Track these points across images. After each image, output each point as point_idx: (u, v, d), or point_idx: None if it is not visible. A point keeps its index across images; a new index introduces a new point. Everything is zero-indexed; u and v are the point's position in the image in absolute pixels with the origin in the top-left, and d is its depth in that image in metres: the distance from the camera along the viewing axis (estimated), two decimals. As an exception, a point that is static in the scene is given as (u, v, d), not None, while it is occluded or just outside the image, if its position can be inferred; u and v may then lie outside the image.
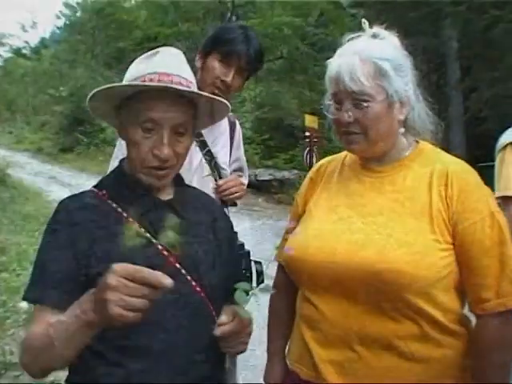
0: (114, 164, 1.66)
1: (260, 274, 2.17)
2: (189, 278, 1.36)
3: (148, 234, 1.36)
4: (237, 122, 2.49)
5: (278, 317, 1.68)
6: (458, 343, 1.42)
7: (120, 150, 2.03)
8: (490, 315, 1.39)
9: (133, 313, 1.05)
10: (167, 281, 1.05)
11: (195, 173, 2.18)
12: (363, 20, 1.54)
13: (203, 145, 2.22)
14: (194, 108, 1.43)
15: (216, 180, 2.24)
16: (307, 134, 12.79)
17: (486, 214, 1.39)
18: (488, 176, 1.47)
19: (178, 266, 1.35)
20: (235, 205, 2.49)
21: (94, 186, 1.48)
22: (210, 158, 2.22)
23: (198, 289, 1.36)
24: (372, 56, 1.42)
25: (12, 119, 32.24)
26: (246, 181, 2.59)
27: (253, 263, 2.27)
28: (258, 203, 13.03)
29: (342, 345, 1.41)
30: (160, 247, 1.35)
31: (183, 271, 1.36)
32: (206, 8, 20.47)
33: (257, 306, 1.35)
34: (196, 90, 1.42)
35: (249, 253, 2.34)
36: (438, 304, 1.38)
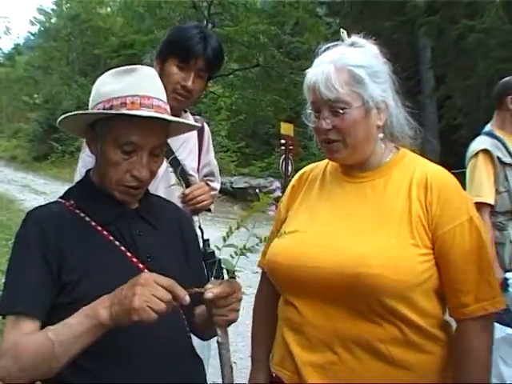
0: (82, 172, 1.63)
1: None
2: None
3: (117, 242, 1.41)
4: (205, 126, 2.42)
5: (262, 323, 1.67)
6: (439, 348, 1.43)
7: (88, 159, 1.98)
8: (470, 320, 1.40)
9: (153, 312, 1.15)
10: (187, 297, 1.20)
11: (160, 182, 2.10)
12: (341, 30, 1.55)
13: (168, 153, 2.10)
14: (167, 128, 1.46)
15: (183, 188, 2.14)
16: (283, 141, 12.84)
17: (465, 219, 1.41)
18: (461, 183, 1.49)
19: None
20: (209, 211, 2.43)
21: (61, 197, 1.50)
22: (176, 165, 2.14)
23: None
24: (347, 64, 1.44)
25: (-15, 127, 31.82)
26: (217, 185, 2.54)
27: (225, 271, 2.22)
28: (233, 211, 13.03)
29: (323, 347, 1.42)
30: (129, 254, 1.40)
31: None
32: (182, 15, 20.49)
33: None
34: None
35: (220, 261, 2.29)
36: (418, 308, 1.38)
